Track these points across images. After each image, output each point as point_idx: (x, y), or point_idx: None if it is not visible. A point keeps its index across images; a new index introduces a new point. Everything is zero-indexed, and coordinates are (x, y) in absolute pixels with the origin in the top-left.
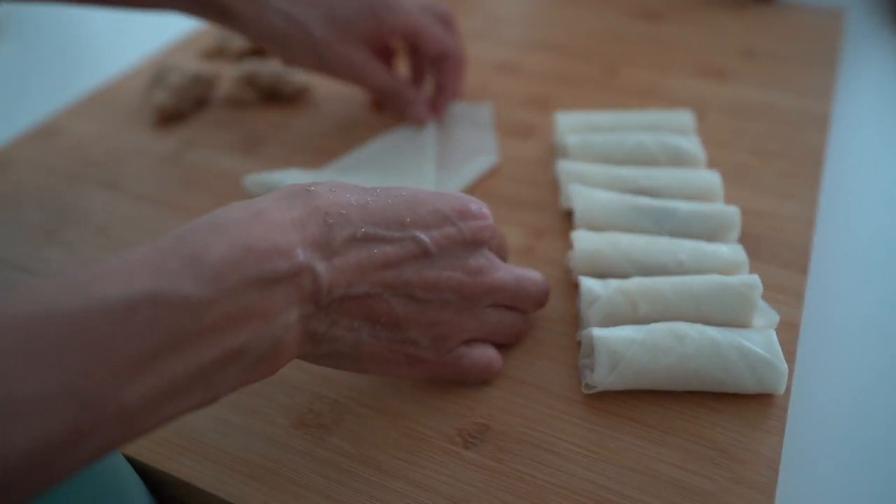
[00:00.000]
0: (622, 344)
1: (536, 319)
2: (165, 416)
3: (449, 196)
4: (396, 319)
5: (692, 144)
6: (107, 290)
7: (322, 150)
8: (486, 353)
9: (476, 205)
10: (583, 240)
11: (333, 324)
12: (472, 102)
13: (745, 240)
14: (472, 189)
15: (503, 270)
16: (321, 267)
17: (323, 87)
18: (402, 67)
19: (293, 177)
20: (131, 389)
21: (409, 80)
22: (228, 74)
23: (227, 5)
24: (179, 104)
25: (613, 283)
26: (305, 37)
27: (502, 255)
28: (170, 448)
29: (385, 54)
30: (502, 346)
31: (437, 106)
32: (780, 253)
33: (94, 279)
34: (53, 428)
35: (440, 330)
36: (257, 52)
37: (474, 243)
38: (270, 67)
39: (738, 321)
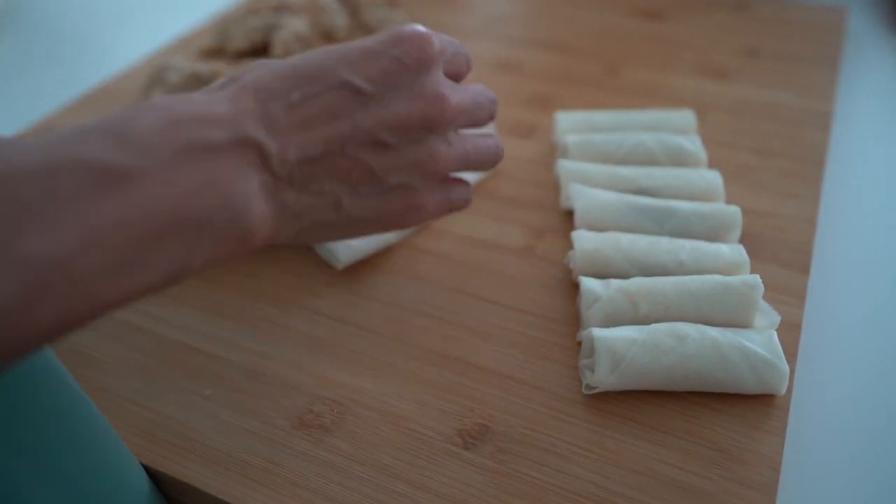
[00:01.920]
0: (623, 344)
1: (537, 320)
2: (129, 289)
3: (380, 33)
4: (371, 170)
5: (693, 144)
6: (24, 158)
7: None
8: (465, 186)
9: (409, 27)
10: (583, 240)
11: (302, 191)
12: None
13: (746, 240)
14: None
15: (459, 91)
16: (263, 135)
17: None
18: None
19: None
20: (77, 255)
21: None
22: (226, 74)
23: None
24: None
25: (614, 284)
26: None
27: (459, 69)
28: (170, 449)
29: None
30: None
31: None
32: (782, 253)
33: (11, 151)
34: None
35: (427, 169)
36: (256, 52)
37: (421, 67)
38: None
39: (739, 321)
